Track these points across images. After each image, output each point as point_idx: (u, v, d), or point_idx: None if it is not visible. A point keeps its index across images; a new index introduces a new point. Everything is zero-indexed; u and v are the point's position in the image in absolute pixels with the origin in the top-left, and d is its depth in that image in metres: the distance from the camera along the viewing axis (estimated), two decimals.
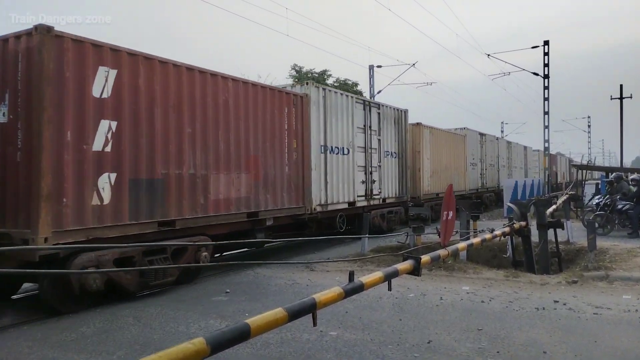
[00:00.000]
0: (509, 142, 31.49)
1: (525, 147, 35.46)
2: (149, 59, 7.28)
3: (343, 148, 12.48)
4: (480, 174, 24.25)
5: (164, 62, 7.51)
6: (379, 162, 14.25)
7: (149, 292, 7.28)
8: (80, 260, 6.20)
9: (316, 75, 32.85)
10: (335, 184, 12.06)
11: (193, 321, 5.76)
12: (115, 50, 6.80)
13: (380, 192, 14.20)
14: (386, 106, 15.01)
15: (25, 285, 7.72)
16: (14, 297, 7.39)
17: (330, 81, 33.28)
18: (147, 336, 5.27)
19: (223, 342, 2.25)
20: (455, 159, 20.64)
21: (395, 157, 15.44)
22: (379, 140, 14.33)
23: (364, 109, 13.60)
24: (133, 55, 7.05)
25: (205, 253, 8.02)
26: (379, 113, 14.40)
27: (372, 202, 13.75)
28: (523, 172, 33.93)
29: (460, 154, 21.48)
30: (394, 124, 15.38)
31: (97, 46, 6.58)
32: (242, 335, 2.38)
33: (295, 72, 33.14)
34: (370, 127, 13.78)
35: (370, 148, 13.75)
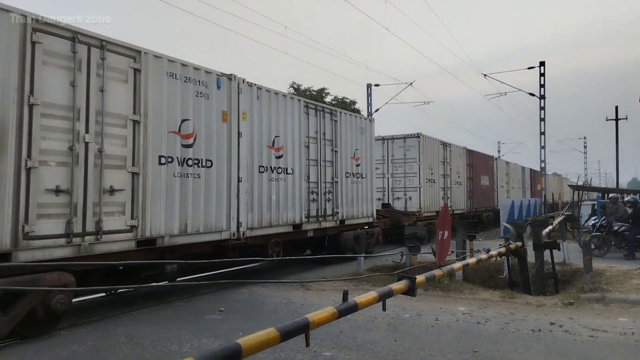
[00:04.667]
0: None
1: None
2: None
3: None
4: None
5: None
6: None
7: (141, 309, 7.19)
8: None
9: (314, 93, 33.05)
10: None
11: (186, 340, 5.69)
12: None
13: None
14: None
15: None
16: None
17: (328, 99, 33.45)
18: (138, 355, 5.21)
19: None
20: None
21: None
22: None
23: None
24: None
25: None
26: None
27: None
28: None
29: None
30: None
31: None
32: (233, 355, 2.35)
33: (293, 90, 33.38)
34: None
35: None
